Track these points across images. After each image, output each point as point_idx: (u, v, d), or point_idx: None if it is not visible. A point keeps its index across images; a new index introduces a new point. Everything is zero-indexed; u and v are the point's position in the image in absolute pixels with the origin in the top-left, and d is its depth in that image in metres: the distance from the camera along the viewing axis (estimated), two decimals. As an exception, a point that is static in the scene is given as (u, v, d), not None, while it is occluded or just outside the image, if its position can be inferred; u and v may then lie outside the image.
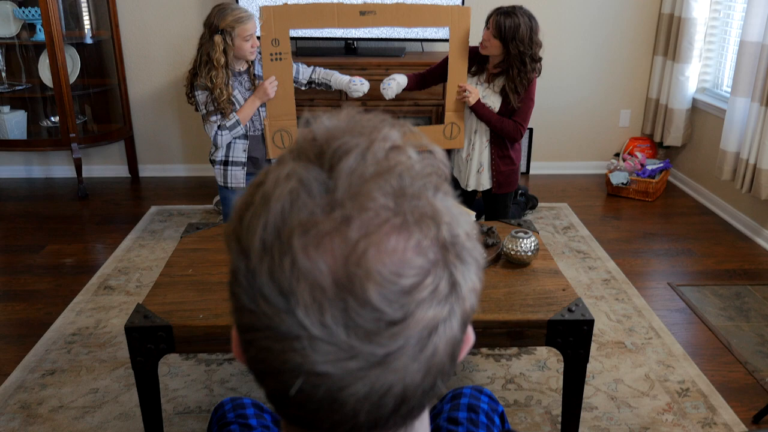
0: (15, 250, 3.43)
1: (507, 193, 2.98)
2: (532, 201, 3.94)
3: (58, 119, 4.07)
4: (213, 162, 2.86)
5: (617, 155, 4.54)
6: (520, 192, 3.82)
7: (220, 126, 2.71)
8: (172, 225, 3.70)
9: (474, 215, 2.32)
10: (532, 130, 4.47)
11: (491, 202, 3.01)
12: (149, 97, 4.35)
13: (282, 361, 0.44)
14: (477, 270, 0.48)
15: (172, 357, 2.48)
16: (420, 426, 0.52)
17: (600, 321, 2.76)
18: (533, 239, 2.11)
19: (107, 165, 4.50)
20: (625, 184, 4.15)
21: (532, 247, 2.10)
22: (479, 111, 2.80)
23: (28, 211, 3.94)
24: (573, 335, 1.84)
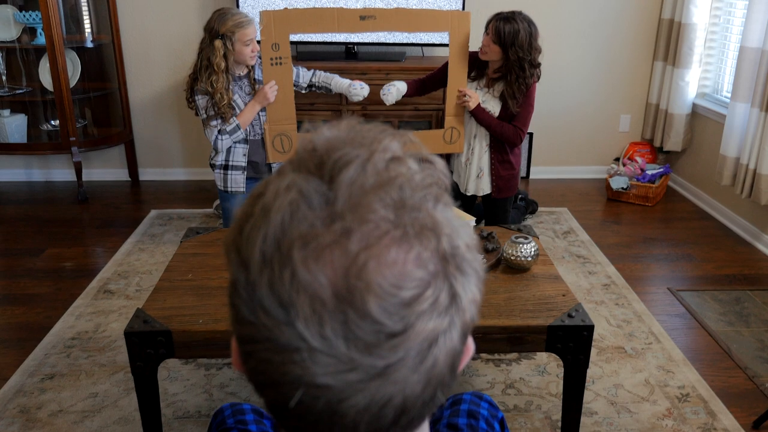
0: (15, 253, 3.43)
1: (507, 198, 2.99)
2: (532, 205, 3.94)
3: (58, 123, 4.07)
4: (213, 166, 2.86)
5: (617, 160, 4.54)
6: (520, 196, 3.83)
7: (220, 130, 2.71)
8: (172, 229, 3.70)
9: (474, 220, 2.32)
10: (532, 134, 4.48)
11: (491, 206, 3.01)
12: (149, 101, 4.35)
13: (282, 373, 0.44)
14: (477, 281, 0.48)
15: (171, 361, 2.48)
16: None
17: (600, 326, 2.76)
18: (533, 244, 2.11)
19: (107, 169, 4.50)
20: (625, 188, 4.15)
21: (532, 253, 2.10)
22: (479, 116, 2.80)
23: (28, 215, 3.94)
24: (573, 341, 1.84)
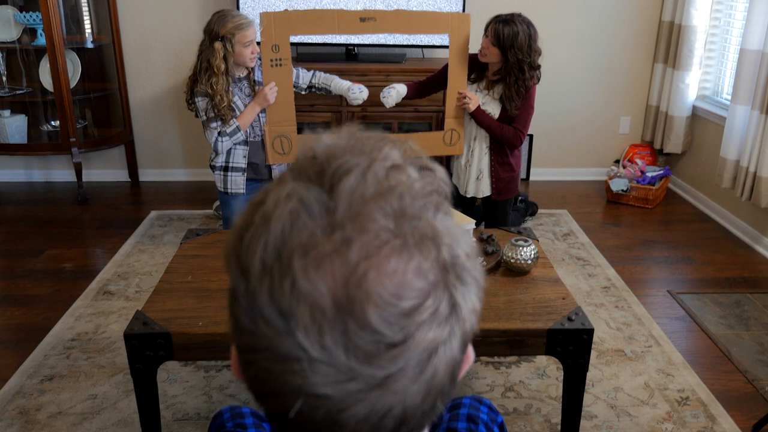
0: (15, 254, 3.43)
1: (506, 200, 2.99)
2: (532, 207, 3.93)
3: (58, 123, 4.07)
4: (213, 168, 2.86)
5: (617, 162, 4.54)
6: (519, 198, 3.83)
7: (220, 132, 2.71)
8: (171, 230, 3.70)
9: (473, 223, 2.32)
10: (532, 136, 4.48)
11: (491, 208, 3.01)
12: (150, 102, 4.35)
13: (282, 383, 0.44)
14: (477, 290, 0.48)
15: (171, 363, 2.48)
16: None
17: (600, 329, 2.76)
18: (533, 247, 2.11)
19: (107, 169, 4.50)
20: (625, 191, 4.15)
21: (531, 256, 2.10)
22: (479, 118, 2.80)
23: (27, 216, 3.94)
24: (573, 344, 1.83)
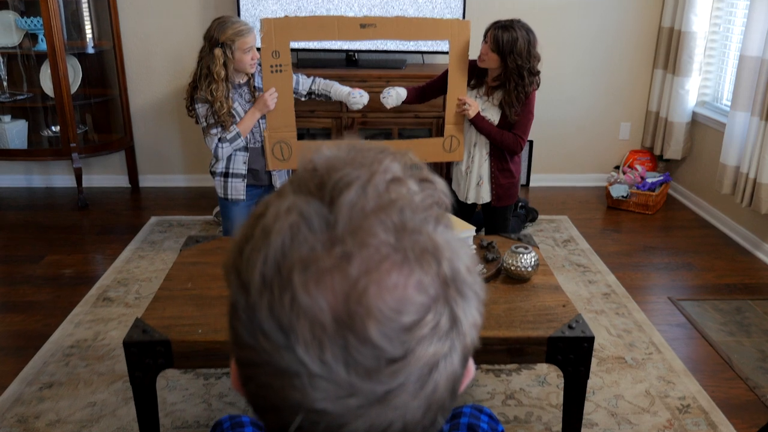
0: (14, 260, 3.43)
1: (507, 206, 2.98)
2: (532, 213, 3.93)
3: (59, 129, 4.07)
4: (213, 174, 2.86)
5: (617, 168, 4.54)
6: (520, 204, 3.82)
7: (220, 138, 2.71)
8: (171, 236, 3.69)
9: (473, 229, 2.31)
10: (532, 142, 4.48)
11: (491, 215, 3.01)
12: (150, 107, 4.35)
13: (281, 398, 0.44)
14: (478, 304, 0.48)
15: (170, 370, 2.47)
16: None
17: (600, 336, 2.75)
18: (533, 254, 2.11)
19: (107, 175, 4.50)
20: (625, 197, 4.15)
21: (532, 263, 2.09)
22: (479, 124, 2.80)
23: (27, 221, 3.93)
24: (573, 352, 1.83)
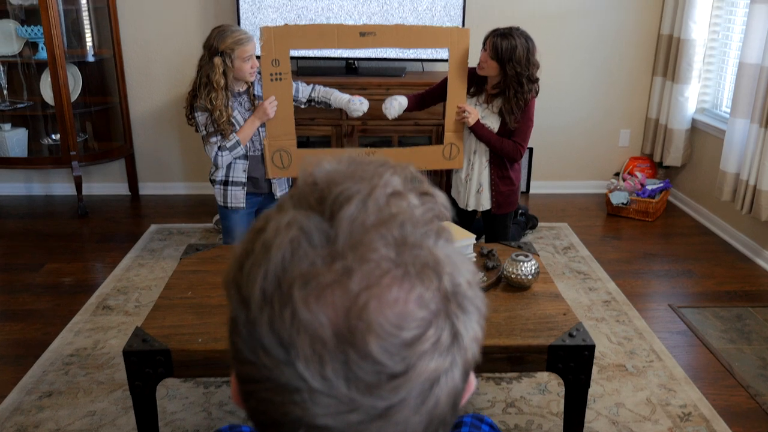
0: (14, 268, 3.42)
1: (507, 214, 2.98)
2: (532, 221, 3.93)
3: (59, 137, 4.07)
4: (213, 182, 2.86)
5: (617, 175, 4.54)
6: (520, 212, 3.82)
7: (220, 147, 2.71)
8: (171, 244, 3.69)
9: (473, 237, 2.31)
10: (532, 149, 4.48)
11: (491, 222, 3.01)
12: (150, 116, 4.36)
13: (282, 414, 0.44)
14: (479, 318, 0.48)
15: (170, 379, 2.46)
16: None
17: (601, 343, 2.75)
18: (534, 262, 2.10)
19: (107, 183, 4.50)
20: (625, 203, 4.15)
21: (532, 271, 2.09)
22: (478, 132, 2.80)
23: (27, 229, 3.93)
24: (574, 361, 1.83)
